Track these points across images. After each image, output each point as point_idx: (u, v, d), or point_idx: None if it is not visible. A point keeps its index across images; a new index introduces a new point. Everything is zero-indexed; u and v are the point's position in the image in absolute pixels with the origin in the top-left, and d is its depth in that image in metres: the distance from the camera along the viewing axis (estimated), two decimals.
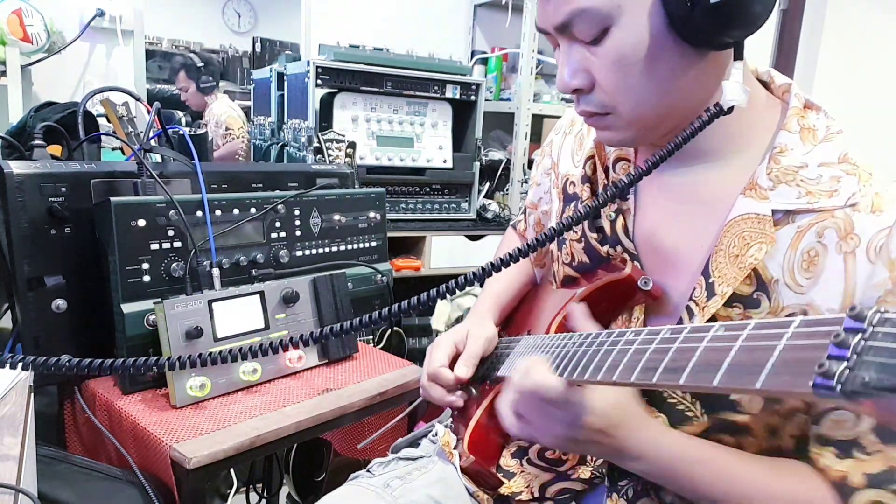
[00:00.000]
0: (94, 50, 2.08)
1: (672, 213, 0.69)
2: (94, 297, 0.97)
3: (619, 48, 0.58)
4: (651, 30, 0.57)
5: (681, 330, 0.47)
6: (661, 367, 0.45)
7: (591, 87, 0.62)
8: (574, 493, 0.74)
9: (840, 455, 0.59)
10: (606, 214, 0.73)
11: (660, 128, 0.64)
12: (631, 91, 0.60)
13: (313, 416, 0.94)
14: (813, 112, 0.65)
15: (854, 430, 0.59)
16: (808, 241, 0.60)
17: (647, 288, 0.67)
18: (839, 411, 0.60)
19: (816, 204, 0.60)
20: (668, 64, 0.59)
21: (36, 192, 0.92)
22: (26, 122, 1.27)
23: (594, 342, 0.56)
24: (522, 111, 2.32)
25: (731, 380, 0.39)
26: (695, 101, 0.63)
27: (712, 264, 0.63)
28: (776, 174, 0.62)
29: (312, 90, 1.80)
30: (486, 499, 0.78)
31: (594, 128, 0.68)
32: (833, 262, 0.58)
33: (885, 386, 0.29)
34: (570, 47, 0.62)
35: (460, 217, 2.14)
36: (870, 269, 0.56)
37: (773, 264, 0.61)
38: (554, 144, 0.89)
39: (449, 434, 0.84)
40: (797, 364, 0.34)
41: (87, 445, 1.00)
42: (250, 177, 1.16)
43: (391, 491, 0.77)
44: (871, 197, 0.58)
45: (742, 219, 0.62)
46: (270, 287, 1.03)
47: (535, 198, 0.94)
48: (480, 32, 2.79)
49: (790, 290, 0.60)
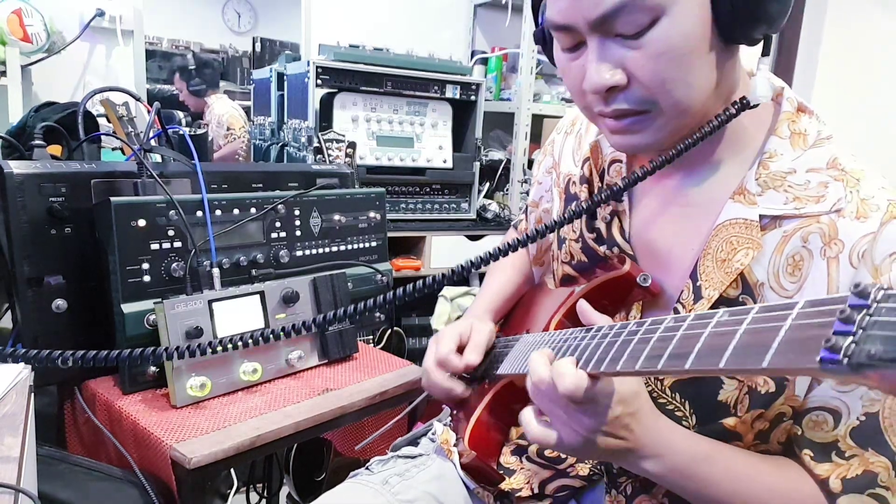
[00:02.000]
0: (94, 50, 2.08)
1: (665, 214, 0.70)
2: (94, 297, 0.97)
3: (669, 39, 0.56)
4: (699, 21, 0.57)
5: (684, 318, 0.47)
6: (665, 355, 0.45)
7: (626, 83, 0.59)
8: (573, 489, 0.75)
9: (817, 459, 0.60)
10: (602, 216, 0.73)
11: (690, 126, 0.63)
12: (675, 83, 0.58)
13: (313, 416, 0.94)
14: (805, 116, 0.65)
15: (832, 432, 0.59)
16: (793, 245, 0.60)
17: (646, 284, 0.68)
18: (818, 412, 0.60)
19: (803, 210, 0.60)
20: (710, 57, 0.59)
21: (36, 192, 0.92)
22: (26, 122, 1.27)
23: (596, 335, 0.56)
24: (522, 111, 2.32)
25: (737, 361, 0.39)
26: (723, 96, 0.63)
27: (700, 267, 0.64)
28: (765, 179, 0.62)
29: (312, 90, 1.80)
30: (487, 495, 0.78)
31: (624, 133, 0.63)
32: (817, 266, 0.59)
33: (891, 357, 0.30)
34: (603, 43, 0.58)
35: (460, 217, 2.14)
36: (852, 274, 0.57)
37: (759, 268, 0.61)
38: (555, 144, 0.89)
39: (448, 432, 0.84)
40: (803, 342, 0.35)
41: (87, 445, 1.00)
42: (250, 177, 1.16)
43: (390, 488, 0.77)
44: (857, 203, 0.59)
45: (730, 223, 0.63)
46: (270, 287, 1.03)
47: (536, 196, 0.94)
48: (480, 32, 2.79)
49: (775, 294, 0.61)
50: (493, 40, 2.78)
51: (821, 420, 0.60)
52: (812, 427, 0.60)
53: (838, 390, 0.59)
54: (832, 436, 0.59)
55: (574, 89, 0.65)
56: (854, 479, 0.58)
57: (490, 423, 0.77)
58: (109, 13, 2.02)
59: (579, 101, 0.65)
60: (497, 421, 0.78)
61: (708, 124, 0.61)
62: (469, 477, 0.79)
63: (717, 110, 0.62)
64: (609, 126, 0.63)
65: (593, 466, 0.74)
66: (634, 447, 0.57)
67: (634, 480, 0.70)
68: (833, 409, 0.59)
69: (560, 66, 0.66)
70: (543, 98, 2.45)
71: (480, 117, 2.09)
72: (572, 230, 0.79)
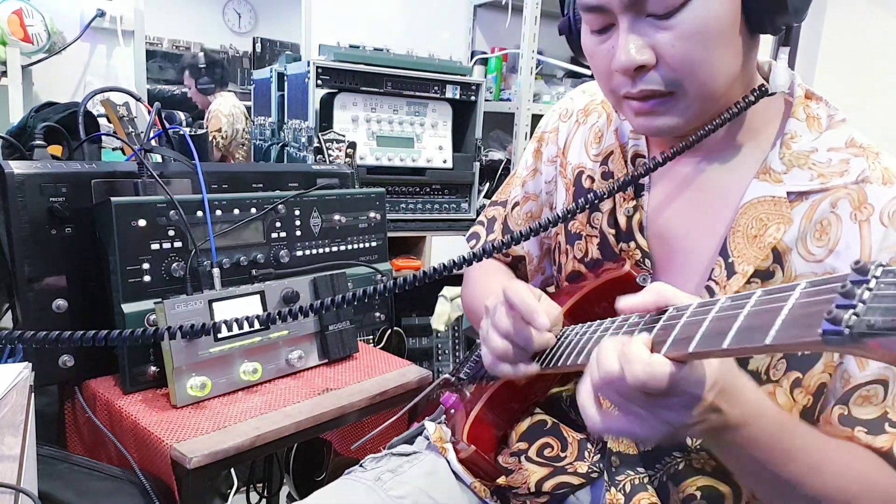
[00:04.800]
0: (94, 50, 2.08)
1: (684, 202, 0.71)
2: (94, 297, 0.97)
3: (700, 20, 0.58)
4: (730, 5, 0.59)
5: (686, 307, 0.49)
6: (669, 341, 0.47)
7: (655, 64, 0.61)
8: (571, 487, 0.75)
9: (873, 433, 0.61)
10: (624, 210, 0.74)
11: (712, 111, 0.64)
12: (703, 65, 0.60)
13: (313, 416, 0.95)
14: (814, 102, 0.68)
15: (881, 404, 0.61)
16: (821, 211, 0.63)
17: (646, 285, 0.67)
18: (870, 385, 0.61)
19: (829, 184, 0.63)
20: (737, 42, 0.61)
21: (36, 193, 0.92)
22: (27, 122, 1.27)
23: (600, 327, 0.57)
24: (522, 111, 2.32)
25: (740, 340, 0.41)
26: (743, 83, 0.65)
27: (730, 245, 0.66)
28: (789, 158, 0.65)
29: (313, 90, 1.80)
30: (484, 490, 0.78)
31: (648, 115, 0.64)
32: (849, 230, 0.62)
33: (890, 326, 0.32)
34: (633, 22, 0.60)
35: (460, 217, 2.13)
36: (883, 233, 0.60)
37: (788, 236, 0.64)
38: (560, 132, 0.86)
39: (441, 430, 0.84)
40: (806, 318, 0.37)
41: (87, 445, 1.00)
42: (250, 177, 1.16)
43: (381, 484, 0.77)
44: (881, 171, 0.63)
45: (758, 201, 0.65)
46: (271, 287, 1.03)
47: (535, 189, 0.91)
48: (480, 32, 2.79)
49: (802, 259, 0.63)
50: (493, 40, 2.78)
51: (871, 394, 0.61)
52: (861, 403, 0.61)
53: None
54: (882, 407, 0.61)
55: (601, 72, 0.66)
56: None
57: (489, 418, 0.78)
58: (110, 13, 2.02)
59: (605, 85, 0.67)
60: (495, 418, 0.79)
61: (728, 110, 0.64)
62: (467, 471, 0.79)
63: (737, 98, 0.64)
64: (634, 108, 0.65)
65: (592, 464, 0.74)
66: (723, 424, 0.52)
67: (634, 478, 0.71)
68: (883, 379, 0.61)
69: (588, 50, 0.67)
70: (543, 98, 2.45)
71: (480, 117, 2.09)
72: (590, 225, 0.79)
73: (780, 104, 0.69)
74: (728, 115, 0.64)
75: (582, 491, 0.75)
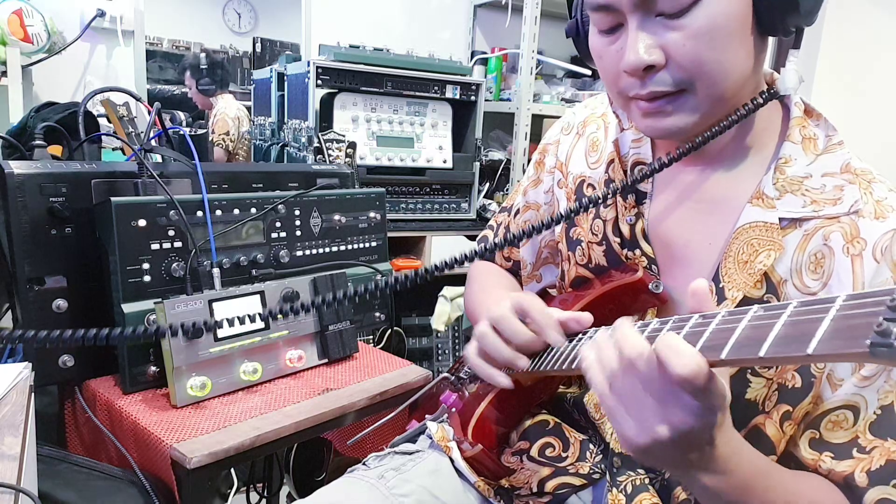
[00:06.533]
0: (94, 50, 2.08)
1: (684, 210, 0.71)
2: (94, 297, 0.97)
3: (711, 19, 0.57)
4: (741, 5, 0.58)
5: (714, 314, 0.47)
6: (698, 345, 0.45)
7: (664, 64, 0.60)
8: (573, 487, 0.75)
9: (838, 458, 0.60)
10: (625, 218, 0.74)
11: (719, 115, 0.63)
12: (714, 65, 0.59)
13: (313, 416, 0.95)
14: (812, 120, 0.67)
15: (851, 429, 0.60)
16: (814, 243, 0.62)
17: (658, 291, 0.70)
18: (839, 410, 0.61)
19: (821, 212, 0.63)
20: (747, 43, 0.60)
21: (36, 192, 0.92)
22: (27, 122, 1.27)
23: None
24: (522, 111, 2.32)
25: (778, 349, 0.40)
26: (751, 87, 0.65)
27: (722, 270, 0.65)
28: (782, 184, 0.64)
29: (313, 90, 1.80)
30: (487, 489, 0.78)
31: (656, 115, 0.63)
32: (841, 263, 0.61)
33: None
34: (643, 21, 0.59)
35: (460, 217, 2.13)
36: (875, 269, 0.59)
37: (782, 267, 0.63)
38: (561, 144, 0.88)
39: (444, 429, 0.85)
40: (849, 330, 0.37)
41: (87, 445, 1.00)
42: (250, 177, 1.16)
43: (385, 482, 0.77)
44: (873, 205, 0.62)
45: (750, 227, 0.65)
46: (271, 287, 1.03)
47: (536, 198, 0.93)
48: (480, 32, 2.79)
49: (797, 291, 0.63)
50: (493, 40, 2.78)
51: (841, 419, 0.61)
52: (832, 428, 0.61)
53: (859, 386, 0.60)
54: (852, 432, 0.60)
55: (609, 73, 0.65)
56: (878, 470, 0.59)
57: (494, 418, 0.78)
58: (110, 13, 2.02)
59: (613, 87, 0.66)
60: (499, 417, 0.79)
61: (736, 112, 0.63)
62: (472, 470, 0.79)
63: (744, 101, 0.64)
64: (641, 108, 0.64)
65: (594, 465, 0.74)
66: (705, 463, 0.51)
67: (635, 479, 0.71)
68: (853, 405, 0.61)
69: (596, 51, 0.66)
70: (543, 98, 2.45)
71: (480, 117, 2.09)
72: (592, 232, 0.79)
73: (778, 118, 0.68)
74: (736, 118, 0.63)
75: (584, 491, 0.76)
